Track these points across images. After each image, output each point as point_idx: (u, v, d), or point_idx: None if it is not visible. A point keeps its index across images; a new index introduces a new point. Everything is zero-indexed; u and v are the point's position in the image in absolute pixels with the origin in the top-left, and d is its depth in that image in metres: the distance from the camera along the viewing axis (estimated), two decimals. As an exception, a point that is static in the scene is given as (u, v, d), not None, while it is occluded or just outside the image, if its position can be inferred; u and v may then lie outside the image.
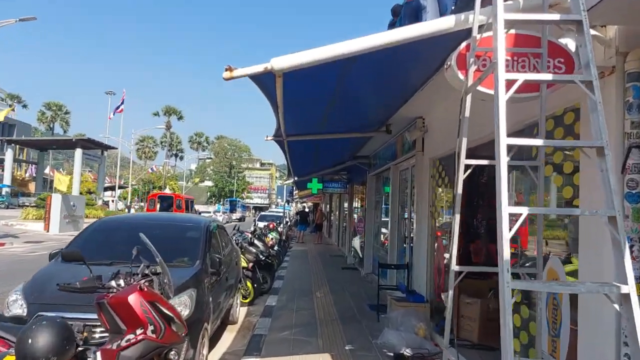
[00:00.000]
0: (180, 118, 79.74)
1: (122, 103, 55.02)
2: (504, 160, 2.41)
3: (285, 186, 18.93)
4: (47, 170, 78.43)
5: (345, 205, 20.78)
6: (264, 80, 3.64)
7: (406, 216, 8.81)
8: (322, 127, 7.83)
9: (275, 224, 19.25)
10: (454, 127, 6.71)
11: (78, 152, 48.85)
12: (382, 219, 11.82)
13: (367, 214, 12.90)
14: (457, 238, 3.46)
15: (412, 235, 8.47)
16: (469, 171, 3.35)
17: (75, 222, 28.18)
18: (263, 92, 4.33)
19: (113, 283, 3.66)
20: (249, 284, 9.27)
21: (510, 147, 2.52)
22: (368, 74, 5.14)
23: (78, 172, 49.52)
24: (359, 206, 16.15)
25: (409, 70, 5.45)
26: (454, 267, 3.42)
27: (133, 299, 3.37)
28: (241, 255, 9.35)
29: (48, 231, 25.64)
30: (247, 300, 9.21)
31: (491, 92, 2.90)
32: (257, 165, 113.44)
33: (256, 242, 12.07)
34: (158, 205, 32.93)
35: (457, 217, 3.39)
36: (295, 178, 14.77)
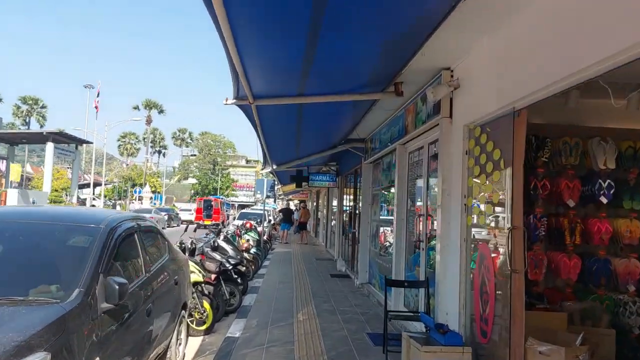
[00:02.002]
0: (161, 112, 76.75)
1: (97, 95, 52.04)
2: None
3: (265, 180, 16.49)
4: (28, 168, 74.89)
5: (335, 201, 18.40)
6: None
7: (421, 212, 6.44)
8: (304, 84, 5.43)
9: (252, 223, 16.77)
10: (508, 72, 4.33)
11: (49, 146, 45.54)
12: (382, 217, 9.45)
13: (361, 210, 10.51)
14: None
15: (432, 238, 6.11)
16: None
17: (36, 220, 25.43)
18: None
19: None
20: (205, 304, 6.82)
21: None
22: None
23: (49, 168, 46.18)
24: (351, 203, 13.77)
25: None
26: None
27: None
28: (195, 267, 6.91)
29: (1, 231, 22.86)
30: (203, 327, 6.77)
31: None
32: (243, 163, 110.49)
33: (224, 245, 9.66)
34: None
35: None
36: (274, 167, 12.27)
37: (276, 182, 20.24)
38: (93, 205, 53.21)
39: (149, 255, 4.38)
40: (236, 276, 9.80)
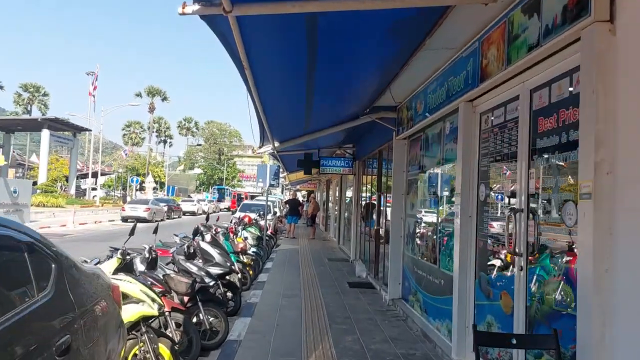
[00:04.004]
0: (164, 99, 74.24)
1: (95, 80, 49.80)
2: None
3: (268, 166, 14.06)
4: (33, 158, 72.85)
5: (349, 192, 15.88)
6: None
7: (518, 206, 3.84)
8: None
9: (252, 217, 14.27)
10: None
11: (45, 134, 43.58)
12: (426, 210, 6.89)
13: (393, 202, 7.94)
14: None
15: (541, 250, 3.55)
16: None
17: (19, 212, 23.18)
18: None
19: None
20: (163, 349, 4.31)
21: None
22: None
23: (45, 156, 44.25)
24: (373, 192, 11.22)
25: None
26: None
27: None
28: (146, 292, 4.40)
29: (-23, 224, 20.57)
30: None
31: None
32: (250, 153, 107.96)
33: (208, 248, 7.18)
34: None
35: None
36: (276, 144, 9.60)
37: (281, 169, 17.72)
38: (94, 196, 50.96)
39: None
40: (225, 289, 7.39)
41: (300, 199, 35.92)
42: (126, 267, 4.54)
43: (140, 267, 5.19)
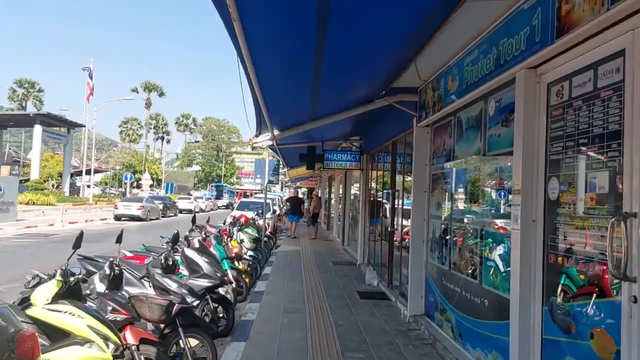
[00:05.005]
0: (161, 94, 72.94)
1: (91, 76, 48.46)
2: None
3: (267, 161, 12.92)
4: (31, 155, 71.61)
5: (354, 188, 14.73)
6: None
7: (630, 210, 2.66)
8: None
9: (249, 217, 13.09)
10: None
11: (37, 130, 42.25)
12: (460, 211, 5.71)
13: (413, 201, 6.76)
14: None
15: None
16: None
17: (5, 210, 22.04)
18: None
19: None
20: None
21: None
22: None
23: (37, 153, 42.97)
24: (384, 189, 10.05)
25: None
26: None
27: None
28: (96, 327, 3.22)
29: (-41, 223, 19.50)
30: None
31: None
32: (248, 149, 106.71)
33: (193, 256, 6.01)
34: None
35: None
36: (275, 133, 8.31)
37: (281, 164, 16.55)
38: (89, 193, 49.68)
39: None
40: (216, 304, 6.24)
41: (301, 196, 34.74)
42: (71, 291, 3.35)
43: (99, 287, 4.02)
